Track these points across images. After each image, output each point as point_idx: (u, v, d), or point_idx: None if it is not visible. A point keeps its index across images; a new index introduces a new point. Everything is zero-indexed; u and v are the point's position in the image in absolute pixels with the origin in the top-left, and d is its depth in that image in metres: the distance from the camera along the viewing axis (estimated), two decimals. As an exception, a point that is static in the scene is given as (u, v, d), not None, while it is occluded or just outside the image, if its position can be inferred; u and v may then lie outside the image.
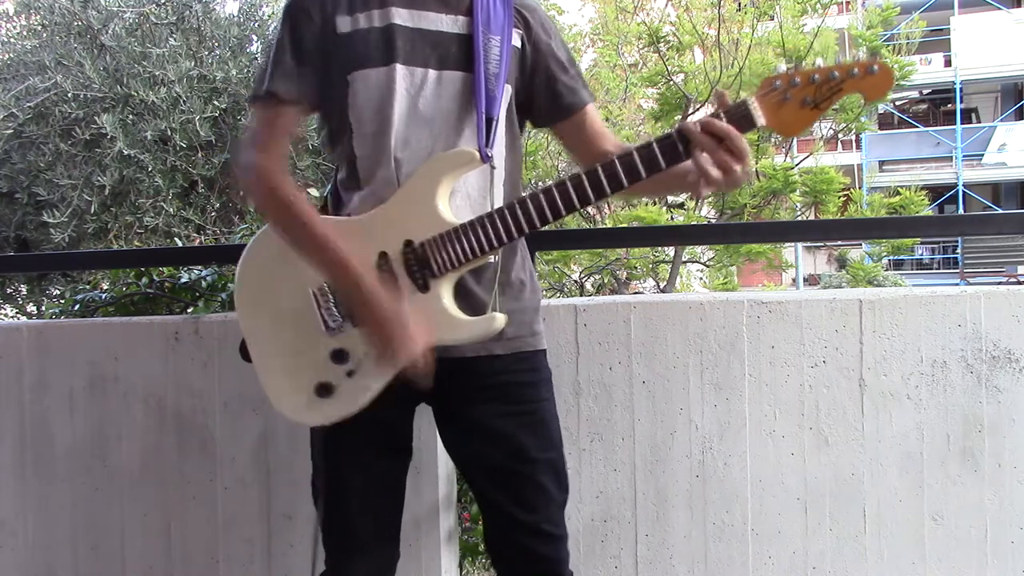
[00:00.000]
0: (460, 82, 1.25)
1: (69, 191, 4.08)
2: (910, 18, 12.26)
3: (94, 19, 4.18)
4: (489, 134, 1.24)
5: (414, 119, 1.24)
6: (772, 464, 1.71)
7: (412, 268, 1.20)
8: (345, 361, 1.22)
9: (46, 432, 2.03)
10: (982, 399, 1.66)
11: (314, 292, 1.24)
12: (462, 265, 1.20)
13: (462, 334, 1.21)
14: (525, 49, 1.32)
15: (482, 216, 1.19)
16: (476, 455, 1.32)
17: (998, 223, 2.65)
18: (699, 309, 1.74)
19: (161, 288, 2.63)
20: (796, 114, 1.11)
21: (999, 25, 17.37)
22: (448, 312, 1.20)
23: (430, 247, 1.20)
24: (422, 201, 1.21)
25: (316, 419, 1.25)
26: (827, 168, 8.06)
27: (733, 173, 1.12)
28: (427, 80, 1.25)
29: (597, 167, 1.16)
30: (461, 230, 1.19)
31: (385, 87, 1.23)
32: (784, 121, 1.11)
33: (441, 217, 1.20)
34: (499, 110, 1.25)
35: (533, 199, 1.18)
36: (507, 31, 1.27)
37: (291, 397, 1.25)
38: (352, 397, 1.21)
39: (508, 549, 1.34)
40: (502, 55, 1.26)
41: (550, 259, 7.35)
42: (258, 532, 1.92)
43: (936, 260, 18.87)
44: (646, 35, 8.32)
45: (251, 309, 1.29)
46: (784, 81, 1.10)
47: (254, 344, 1.29)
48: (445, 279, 1.20)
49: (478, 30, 1.25)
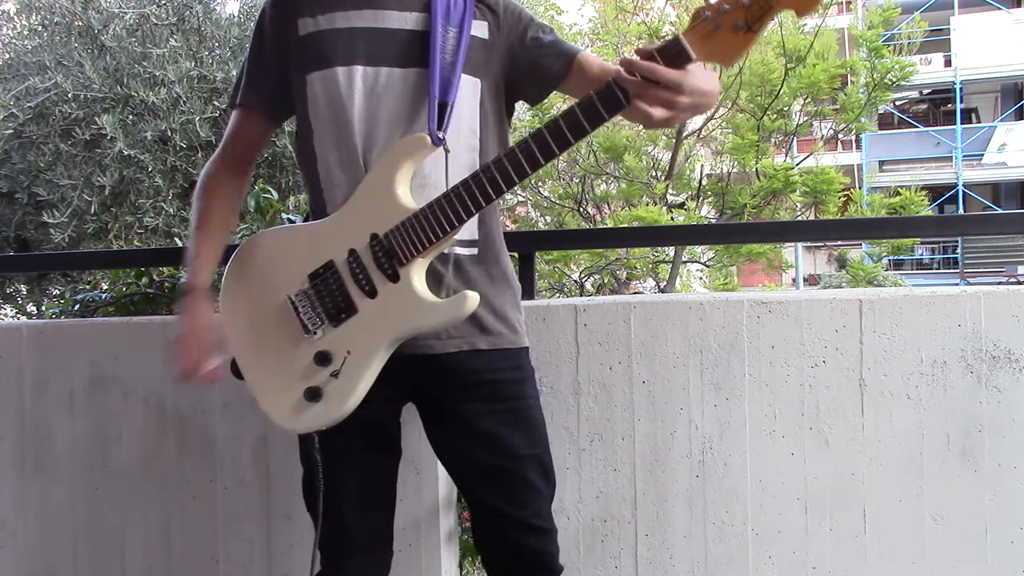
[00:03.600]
0: (417, 77, 1.26)
1: (69, 191, 4.08)
2: (911, 18, 12.25)
3: (94, 19, 4.18)
4: (442, 119, 1.23)
5: (376, 117, 1.25)
6: (772, 464, 1.71)
7: (380, 260, 1.21)
8: (328, 362, 1.22)
9: (46, 432, 2.03)
10: (982, 399, 1.66)
11: (290, 298, 1.25)
12: (427, 249, 1.20)
13: (437, 318, 1.20)
14: (494, 38, 1.31)
15: (439, 196, 1.19)
16: (463, 453, 1.33)
17: (998, 223, 2.66)
18: (699, 309, 1.74)
19: (161, 288, 2.63)
20: (730, 40, 1.07)
21: (999, 25, 17.36)
22: (421, 297, 1.20)
23: (394, 236, 1.20)
24: (382, 193, 1.21)
25: (309, 425, 1.24)
26: (827, 168, 8.06)
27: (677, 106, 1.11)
28: (387, 78, 1.26)
29: (542, 129, 1.15)
30: (421, 214, 1.19)
31: (345, 87, 1.25)
32: (717, 50, 1.08)
33: (401, 205, 1.20)
34: (454, 95, 1.25)
35: (485, 171, 1.17)
36: (467, 22, 1.28)
37: (283, 406, 1.25)
38: (339, 399, 1.22)
39: (499, 545, 1.34)
40: (460, 44, 1.26)
41: (550, 259, 7.35)
42: (258, 532, 1.92)
43: (936, 260, 18.87)
44: (646, 35, 8.32)
45: (235, 327, 1.30)
46: (713, 10, 1.07)
47: (244, 361, 1.30)
48: (414, 266, 1.20)
49: (436, 24, 1.25)
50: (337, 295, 1.22)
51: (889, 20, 8.97)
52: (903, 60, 8.64)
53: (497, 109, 1.35)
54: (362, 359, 1.21)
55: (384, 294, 1.21)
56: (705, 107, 1.16)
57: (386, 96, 1.26)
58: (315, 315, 1.23)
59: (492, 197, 1.18)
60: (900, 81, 8.33)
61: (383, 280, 1.21)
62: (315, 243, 1.25)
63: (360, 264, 1.22)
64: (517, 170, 1.16)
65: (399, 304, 1.20)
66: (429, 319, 1.20)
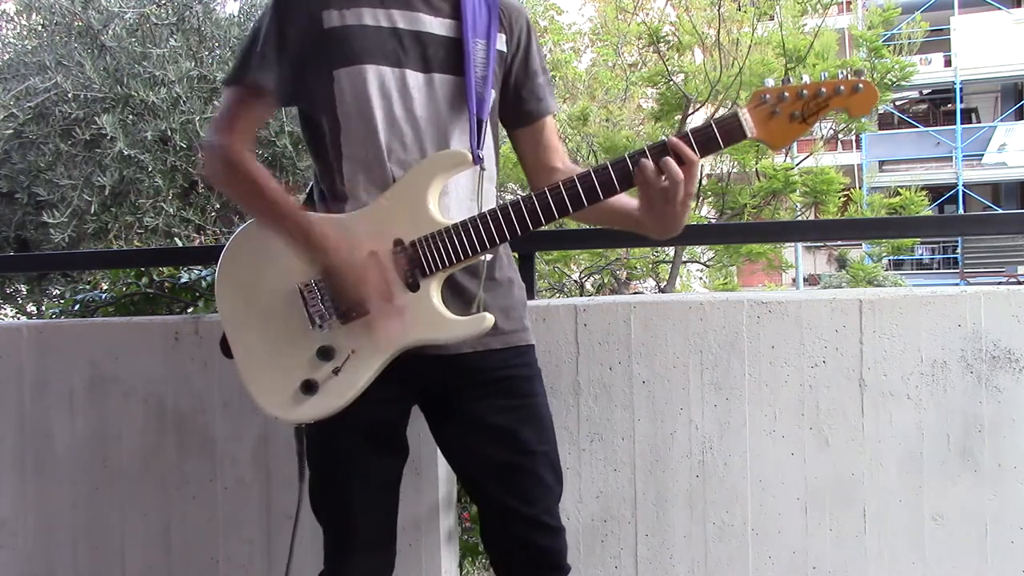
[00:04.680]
0: (451, 85, 1.26)
1: (69, 191, 4.08)
2: (911, 18, 12.25)
3: (94, 19, 4.18)
4: (480, 136, 1.25)
5: (404, 120, 1.25)
6: (772, 464, 1.71)
7: (402, 267, 1.21)
8: (331, 358, 1.22)
9: (46, 432, 2.03)
10: (982, 399, 1.66)
11: (300, 288, 1.24)
12: (453, 265, 1.20)
13: (452, 333, 1.21)
14: (507, 52, 1.33)
15: (475, 217, 1.20)
16: (475, 451, 1.32)
17: (998, 223, 2.66)
18: (699, 309, 1.74)
19: (161, 288, 2.63)
20: (784, 127, 1.14)
21: (999, 25, 17.37)
22: (438, 311, 1.21)
23: (421, 246, 1.20)
24: (413, 201, 1.21)
25: (300, 416, 1.25)
26: (827, 168, 8.06)
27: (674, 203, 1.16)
28: (417, 82, 1.25)
29: (590, 172, 1.17)
30: (453, 230, 1.20)
31: (373, 87, 1.23)
32: (773, 133, 1.15)
33: (432, 217, 1.21)
34: (487, 113, 1.27)
35: (527, 201, 1.19)
36: (492, 34, 1.28)
37: (275, 394, 1.25)
38: (337, 394, 1.22)
39: (509, 544, 1.34)
40: (488, 59, 1.27)
41: (550, 259, 7.35)
42: (258, 532, 1.92)
43: (936, 260, 18.87)
44: (646, 35, 8.32)
45: (234, 306, 1.30)
46: (773, 95, 1.14)
47: (237, 342, 1.29)
48: (434, 278, 1.21)
49: (468, 33, 1.25)
50: None
51: (889, 20, 8.99)
52: (903, 60, 8.66)
53: (497, 119, 1.37)
54: (365, 360, 1.21)
55: (401, 302, 1.20)
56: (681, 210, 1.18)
57: (414, 99, 1.25)
58: (324, 309, 1.23)
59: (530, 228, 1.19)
60: (900, 81, 8.34)
61: (402, 287, 1.20)
62: None
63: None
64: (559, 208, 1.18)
65: (415, 313, 1.20)
66: (443, 333, 1.21)
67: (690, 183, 1.15)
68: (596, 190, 1.17)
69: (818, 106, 1.13)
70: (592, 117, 8.52)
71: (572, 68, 9.95)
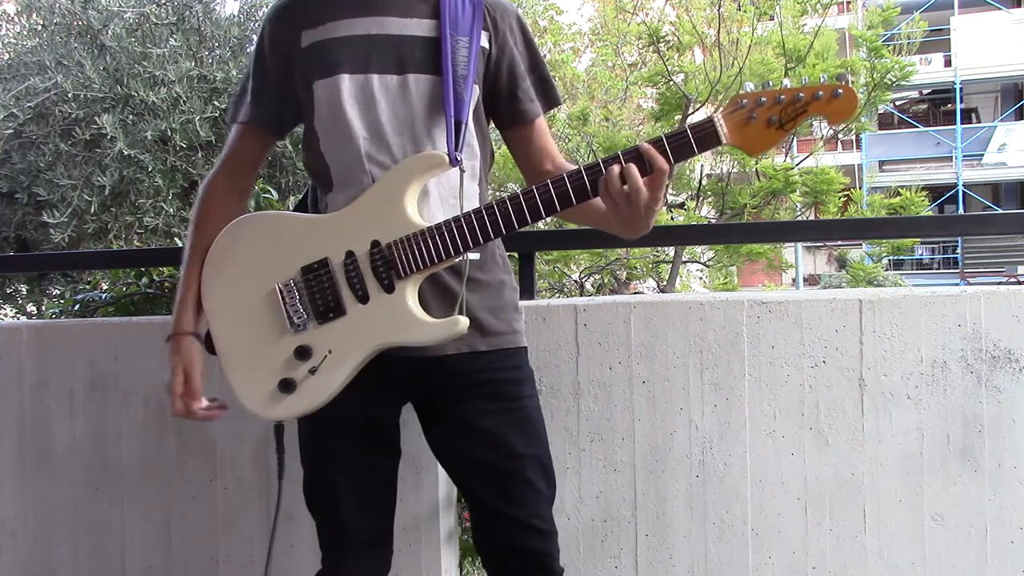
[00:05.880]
0: (427, 84, 1.26)
1: (69, 191, 4.08)
2: (911, 18, 12.25)
3: (94, 19, 4.18)
4: (458, 138, 1.25)
5: (379, 124, 1.26)
6: (772, 464, 1.72)
7: (378, 268, 1.21)
8: (308, 358, 1.23)
9: (46, 432, 2.03)
10: (982, 399, 1.66)
11: (279, 288, 1.25)
12: (428, 267, 1.20)
13: (425, 335, 1.21)
14: (491, 50, 1.32)
15: (450, 220, 1.20)
16: (463, 453, 1.33)
17: (998, 223, 2.66)
18: (699, 309, 1.74)
19: (161, 288, 2.63)
20: (761, 133, 1.13)
21: (999, 25, 17.37)
22: (412, 313, 1.21)
23: (397, 248, 1.20)
24: (391, 202, 1.22)
25: (278, 414, 1.26)
26: (827, 168, 8.07)
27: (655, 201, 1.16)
28: (392, 84, 1.26)
29: (564, 177, 1.17)
30: (428, 233, 1.20)
31: (347, 93, 1.25)
32: (748, 139, 1.13)
33: (409, 219, 1.21)
34: (467, 113, 1.26)
35: (500, 205, 1.18)
36: (475, 32, 1.28)
37: (255, 392, 1.26)
38: (314, 393, 1.23)
39: (498, 546, 1.34)
40: (470, 57, 1.27)
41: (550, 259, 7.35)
42: (258, 532, 1.92)
43: (936, 260, 18.87)
44: (646, 35, 8.33)
45: (218, 302, 1.31)
46: (751, 100, 1.12)
47: (220, 337, 1.30)
48: (410, 280, 1.21)
49: (446, 32, 1.25)
50: (328, 294, 1.23)
51: (889, 20, 8.99)
52: (903, 60, 8.66)
53: (484, 117, 1.36)
54: (341, 360, 1.22)
55: (376, 302, 1.21)
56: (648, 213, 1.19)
57: (388, 103, 1.26)
58: (302, 310, 1.24)
59: (504, 232, 1.19)
60: (900, 81, 8.35)
61: (377, 288, 1.21)
62: (311, 237, 1.25)
63: (357, 268, 1.22)
64: (532, 211, 1.18)
65: (389, 315, 1.21)
66: (417, 336, 1.21)
67: (658, 189, 1.15)
68: (569, 195, 1.16)
69: (796, 111, 1.11)
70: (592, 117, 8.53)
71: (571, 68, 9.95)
